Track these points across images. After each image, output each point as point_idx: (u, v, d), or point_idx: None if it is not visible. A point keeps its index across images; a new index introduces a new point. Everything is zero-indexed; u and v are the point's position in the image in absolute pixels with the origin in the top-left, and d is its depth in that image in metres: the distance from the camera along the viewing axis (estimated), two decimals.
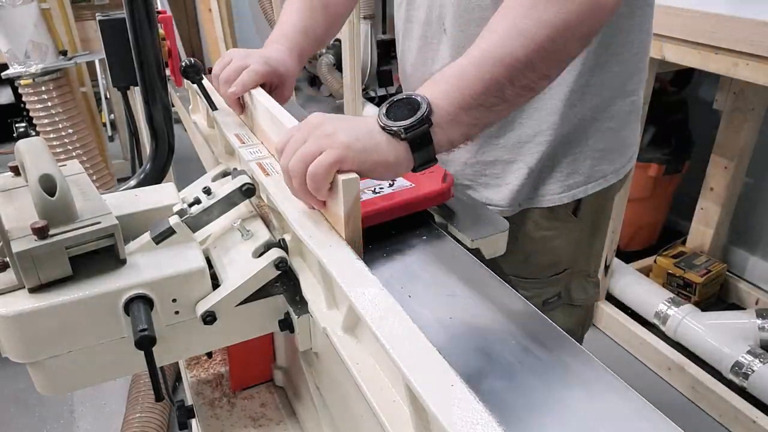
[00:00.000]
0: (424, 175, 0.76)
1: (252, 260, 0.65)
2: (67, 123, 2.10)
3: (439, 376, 0.40)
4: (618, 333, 2.01)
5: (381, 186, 0.73)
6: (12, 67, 1.99)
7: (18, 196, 0.63)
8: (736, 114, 1.93)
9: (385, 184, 0.74)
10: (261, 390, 0.89)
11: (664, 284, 2.11)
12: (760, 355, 1.68)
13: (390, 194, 0.72)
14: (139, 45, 0.82)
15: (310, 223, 0.63)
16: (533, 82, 0.64)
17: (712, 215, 2.10)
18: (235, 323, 0.66)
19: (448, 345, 0.54)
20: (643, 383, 1.86)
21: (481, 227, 0.74)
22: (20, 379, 1.89)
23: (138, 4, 0.79)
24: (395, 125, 0.60)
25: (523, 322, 0.57)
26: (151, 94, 0.87)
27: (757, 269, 2.23)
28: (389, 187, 0.73)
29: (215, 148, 0.98)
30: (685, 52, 1.50)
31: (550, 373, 0.50)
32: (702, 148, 2.15)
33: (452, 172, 0.83)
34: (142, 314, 0.57)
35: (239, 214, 0.73)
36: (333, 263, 0.55)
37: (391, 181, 0.75)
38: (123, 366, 0.63)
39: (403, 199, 0.72)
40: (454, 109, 0.62)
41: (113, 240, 0.59)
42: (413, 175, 0.75)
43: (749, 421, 1.61)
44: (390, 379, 0.50)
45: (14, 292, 0.57)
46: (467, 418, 0.37)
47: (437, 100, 0.62)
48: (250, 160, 0.76)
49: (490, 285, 0.63)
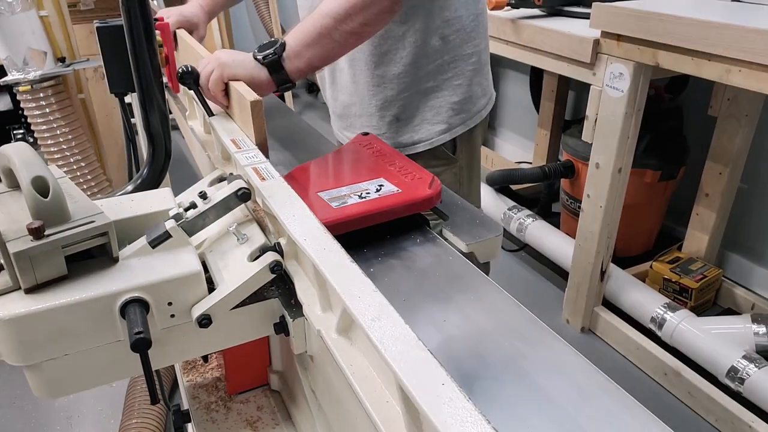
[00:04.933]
0: (412, 181, 0.77)
1: (247, 264, 0.66)
2: (65, 129, 2.11)
3: (430, 375, 0.41)
4: (614, 338, 2.02)
5: (367, 191, 0.74)
6: (10, 74, 2.00)
7: (4, 201, 0.63)
8: (731, 120, 1.94)
9: (372, 189, 0.75)
10: (257, 394, 0.90)
11: (660, 290, 2.11)
12: (756, 360, 1.68)
13: (376, 199, 0.73)
14: (137, 52, 0.83)
15: (305, 227, 0.64)
16: (356, 29, 0.92)
17: (707, 221, 2.11)
18: (230, 327, 0.67)
19: (441, 346, 0.55)
20: (640, 388, 1.86)
21: (475, 231, 0.75)
22: (16, 385, 1.89)
23: (135, 12, 0.80)
24: (258, 54, 0.92)
25: (517, 324, 0.58)
26: (149, 101, 0.87)
27: (752, 274, 2.24)
28: (376, 192, 0.74)
29: (212, 154, 0.99)
30: (679, 59, 1.51)
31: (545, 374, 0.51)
32: (697, 154, 2.17)
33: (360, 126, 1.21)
34: (137, 317, 0.58)
35: (235, 219, 0.74)
36: (327, 266, 0.56)
37: (378, 186, 0.76)
38: (119, 369, 0.64)
39: (388, 203, 0.72)
40: (299, 46, 0.92)
41: (107, 239, 0.59)
42: (401, 180, 0.76)
43: (745, 426, 1.61)
44: (383, 380, 0.50)
45: (9, 294, 0.57)
46: (458, 417, 0.37)
47: (288, 40, 0.93)
48: (245, 165, 0.77)
49: (483, 288, 0.64)
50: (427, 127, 1.19)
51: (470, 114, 1.21)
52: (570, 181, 2.39)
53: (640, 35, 1.58)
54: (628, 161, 1.80)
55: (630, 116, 1.71)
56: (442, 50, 1.13)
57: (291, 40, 0.93)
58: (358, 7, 0.90)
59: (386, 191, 0.75)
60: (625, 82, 1.67)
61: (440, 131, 1.19)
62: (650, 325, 1.95)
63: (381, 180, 0.78)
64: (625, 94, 1.67)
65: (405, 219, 0.75)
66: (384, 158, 0.87)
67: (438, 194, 0.77)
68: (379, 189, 0.75)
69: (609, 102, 1.73)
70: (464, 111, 1.20)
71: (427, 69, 1.14)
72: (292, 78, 0.94)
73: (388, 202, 0.73)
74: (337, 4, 0.91)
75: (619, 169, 1.79)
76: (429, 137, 1.19)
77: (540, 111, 2.90)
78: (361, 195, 0.74)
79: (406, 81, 1.15)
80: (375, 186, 0.76)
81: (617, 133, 1.73)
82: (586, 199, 1.91)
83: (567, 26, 1.86)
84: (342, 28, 0.91)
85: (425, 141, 1.20)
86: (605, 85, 1.73)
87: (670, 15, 1.49)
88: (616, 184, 1.81)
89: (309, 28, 0.92)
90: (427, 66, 1.14)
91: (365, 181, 0.78)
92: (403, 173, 0.80)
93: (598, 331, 2.08)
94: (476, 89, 1.20)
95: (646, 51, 1.59)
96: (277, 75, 0.92)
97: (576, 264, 2.03)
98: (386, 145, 0.94)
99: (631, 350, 1.96)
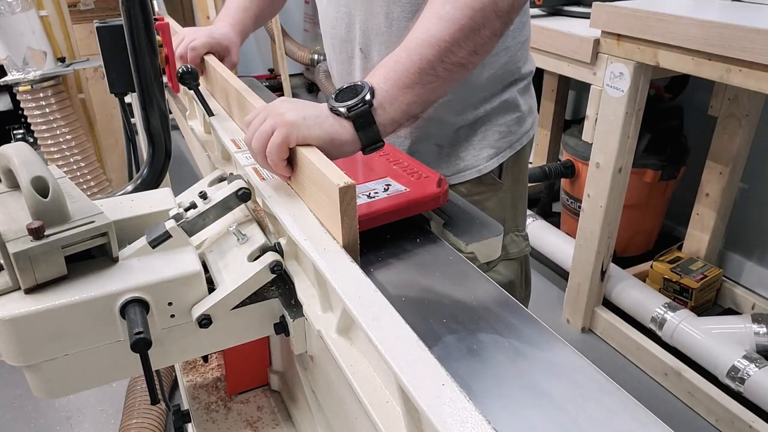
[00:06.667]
0: (419, 180, 0.77)
1: (247, 264, 0.66)
2: (65, 129, 2.11)
3: (430, 375, 0.41)
4: (614, 338, 2.02)
5: (375, 191, 0.74)
6: (10, 74, 1.99)
7: (4, 201, 0.63)
8: (731, 120, 1.94)
9: (379, 189, 0.75)
10: (257, 394, 0.90)
11: (661, 289, 2.11)
12: (756, 359, 1.68)
13: (384, 198, 0.73)
14: (137, 52, 0.83)
15: (305, 227, 0.64)
16: (463, 59, 0.72)
17: (707, 221, 2.11)
18: (230, 327, 0.67)
19: (441, 347, 0.55)
20: (640, 388, 1.86)
21: (476, 231, 0.75)
22: (16, 386, 1.89)
23: (135, 12, 0.80)
24: (340, 106, 0.69)
25: (517, 325, 0.58)
26: (149, 101, 0.87)
27: (752, 274, 2.24)
28: (384, 192, 0.74)
29: (212, 154, 0.99)
30: (679, 59, 1.51)
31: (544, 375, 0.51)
32: (697, 153, 2.16)
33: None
34: (138, 317, 0.58)
35: (235, 219, 0.74)
36: (328, 266, 0.56)
37: (385, 186, 0.75)
38: (119, 369, 0.64)
39: (397, 202, 0.72)
40: (393, 89, 0.70)
41: (107, 239, 0.59)
42: (408, 180, 0.76)
43: (745, 426, 1.61)
44: (383, 380, 0.50)
45: (9, 294, 0.57)
46: (458, 417, 0.37)
47: (377, 83, 0.70)
48: (245, 165, 0.77)
49: (484, 289, 0.64)
50: (472, 153, 1.06)
51: (518, 135, 1.09)
52: (570, 181, 2.39)
53: (641, 35, 1.58)
54: (628, 161, 1.80)
55: (630, 116, 1.71)
56: (489, 79, 1.01)
57: (380, 82, 0.70)
58: (467, 30, 0.70)
59: (394, 190, 0.75)
60: (626, 82, 1.67)
61: (487, 157, 1.06)
62: (650, 325, 1.95)
63: (388, 179, 0.78)
64: (625, 94, 1.67)
65: (404, 219, 0.75)
66: (389, 157, 0.86)
67: (446, 193, 0.77)
68: (386, 188, 0.75)
69: (609, 102, 1.73)
70: (511, 133, 1.07)
71: (477, 97, 1.02)
72: (384, 133, 0.72)
73: (397, 201, 0.72)
74: (438, 29, 0.70)
75: (619, 168, 1.79)
76: (476, 164, 1.06)
77: (540, 111, 2.90)
78: (370, 195, 0.73)
79: (457, 108, 1.02)
80: (382, 186, 0.76)
81: (617, 133, 1.73)
82: (587, 199, 1.91)
83: (567, 26, 1.86)
84: (449, 59, 0.71)
85: (472, 168, 1.06)
86: (605, 84, 1.73)
87: (671, 15, 1.48)
88: (617, 184, 1.81)
89: (406, 63, 0.70)
90: (478, 94, 1.02)
91: (372, 180, 0.78)
92: (409, 172, 0.80)
93: (598, 331, 2.08)
94: (524, 108, 1.09)
95: (646, 51, 1.59)
96: (366, 132, 0.70)
97: (576, 264, 2.03)
98: (389, 144, 0.94)
99: (632, 350, 1.96)
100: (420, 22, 0.73)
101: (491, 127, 1.05)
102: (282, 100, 0.70)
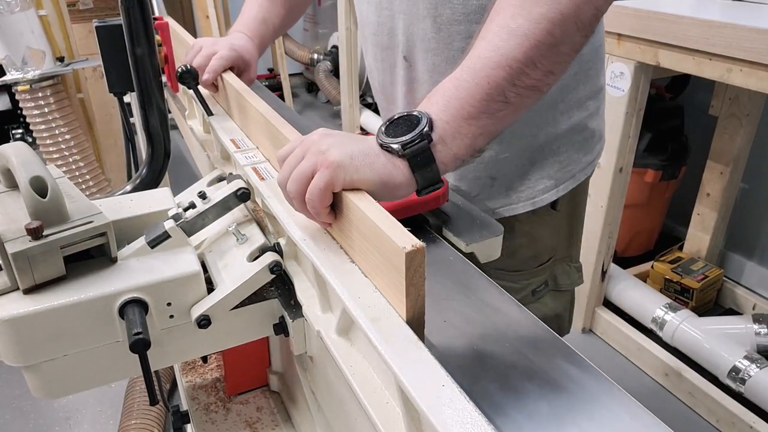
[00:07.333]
0: None
1: (247, 264, 0.65)
2: (64, 129, 2.11)
3: (431, 376, 0.41)
4: (615, 339, 2.01)
5: None
6: (9, 74, 1.99)
7: (2, 201, 0.63)
8: (732, 120, 1.94)
9: None
10: (256, 395, 0.89)
11: (662, 290, 2.11)
12: (757, 360, 1.68)
13: None
14: (136, 51, 0.83)
15: (304, 227, 0.63)
16: (538, 81, 0.59)
17: (708, 221, 2.10)
18: (230, 327, 0.66)
19: (441, 348, 0.54)
20: (641, 389, 1.86)
21: (476, 231, 0.75)
22: (15, 386, 1.89)
23: (135, 11, 0.80)
24: (393, 142, 0.57)
25: (517, 325, 0.58)
26: (148, 100, 0.87)
27: (753, 274, 2.23)
28: None
29: (211, 153, 0.99)
30: (680, 59, 1.51)
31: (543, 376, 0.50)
32: (698, 153, 2.16)
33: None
34: (137, 318, 0.57)
35: (234, 219, 0.74)
36: (327, 267, 0.56)
37: None
38: (118, 370, 0.63)
39: (397, 202, 0.72)
40: (456, 120, 0.58)
41: (106, 239, 0.59)
42: None
43: (746, 427, 1.61)
44: (383, 380, 0.50)
45: (8, 294, 0.57)
46: (457, 418, 0.37)
47: (437, 114, 0.58)
48: (245, 165, 0.77)
49: (484, 289, 0.63)
50: (528, 185, 0.93)
51: (581, 165, 0.96)
52: None
53: (641, 35, 1.57)
54: (629, 161, 1.79)
55: (631, 116, 1.70)
56: (555, 98, 0.88)
57: (439, 112, 0.59)
58: (544, 48, 0.58)
59: None
60: (626, 82, 1.66)
61: (543, 189, 0.93)
62: (651, 325, 1.94)
63: None
64: (626, 94, 1.67)
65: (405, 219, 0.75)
66: None
67: (446, 193, 0.76)
68: None
69: (610, 101, 1.72)
70: (573, 161, 0.94)
71: (540, 119, 0.89)
72: (443, 172, 0.59)
73: (398, 201, 0.72)
74: (509, 46, 0.57)
75: (620, 168, 1.79)
76: (531, 196, 0.94)
77: None
78: None
79: (510, 137, 0.90)
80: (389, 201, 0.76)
81: (618, 133, 1.73)
82: (587, 199, 1.90)
83: None
84: (521, 81, 0.58)
85: (525, 201, 0.94)
86: (606, 84, 1.72)
87: (671, 14, 1.48)
88: (617, 184, 1.81)
89: (470, 88, 0.58)
90: (535, 119, 0.89)
91: None
92: None
93: (598, 332, 2.07)
94: (592, 134, 0.96)
95: (647, 50, 1.59)
96: (423, 172, 0.58)
97: None
98: None
99: (632, 350, 1.95)
100: (485, 37, 0.60)
101: (551, 156, 0.92)
102: (322, 134, 0.59)
